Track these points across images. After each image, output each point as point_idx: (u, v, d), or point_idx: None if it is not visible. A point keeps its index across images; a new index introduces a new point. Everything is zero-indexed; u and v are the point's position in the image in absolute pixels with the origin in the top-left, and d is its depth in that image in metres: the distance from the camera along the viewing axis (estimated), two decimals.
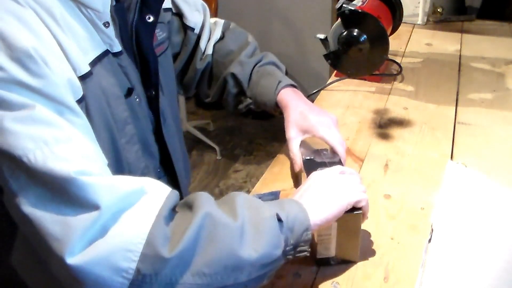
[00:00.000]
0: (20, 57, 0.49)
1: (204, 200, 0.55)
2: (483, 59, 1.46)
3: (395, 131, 1.08)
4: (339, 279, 0.69)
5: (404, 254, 0.74)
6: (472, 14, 1.89)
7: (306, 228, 0.58)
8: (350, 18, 1.02)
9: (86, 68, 0.59)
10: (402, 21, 1.30)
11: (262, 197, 0.65)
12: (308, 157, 0.81)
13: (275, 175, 0.92)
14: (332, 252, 0.70)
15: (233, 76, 0.95)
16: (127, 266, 0.48)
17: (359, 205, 0.65)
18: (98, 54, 0.62)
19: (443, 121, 1.11)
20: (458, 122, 1.11)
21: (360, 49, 1.03)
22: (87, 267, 0.46)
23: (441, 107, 1.18)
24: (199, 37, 0.96)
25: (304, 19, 2.59)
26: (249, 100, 0.95)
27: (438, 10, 1.81)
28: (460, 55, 1.49)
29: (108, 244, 0.47)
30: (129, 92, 0.67)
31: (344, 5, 1.04)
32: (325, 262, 0.71)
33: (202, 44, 0.97)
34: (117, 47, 0.65)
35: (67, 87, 0.54)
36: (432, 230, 0.76)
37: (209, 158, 2.69)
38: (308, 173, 0.73)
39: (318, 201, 0.63)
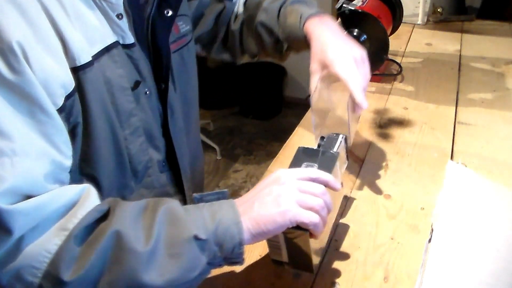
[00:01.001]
0: (3, 48, 0.50)
1: (118, 215, 0.53)
2: (483, 59, 1.46)
3: (395, 131, 1.08)
4: (339, 279, 0.69)
5: (404, 254, 0.74)
6: (472, 14, 1.89)
7: (237, 244, 0.54)
8: (350, 18, 1.02)
9: (87, 58, 0.59)
10: (402, 21, 1.30)
11: (204, 197, 0.60)
12: (307, 146, 0.70)
13: None
14: (284, 258, 0.63)
15: (262, 24, 0.89)
16: (32, 280, 0.50)
17: (304, 226, 0.56)
18: (106, 45, 0.62)
19: (443, 121, 1.11)
20: (458, 122, 1.11)
21: None
22: (1, 275, 0.50)
23: (441, 107, 1.18)
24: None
25: None
26: (286, 45, 0.89)
27: (438, 10, 1.81)
28: (460, 55, 1.49)
29: (19, 259, 0.50)
30: (136, 85, 0.67)
31: (344, 5, 1.04)
32: (279, 264, 0.65)
33: (236, 7, 0.95)
34: (130, 39, 0.65)
35: (49, 84, 0.54)
36: (432, 230, 0.76)
37: (209, 158, 2.69)
38: (290, 165, 0.66)
39: (260, 211, 0.55)
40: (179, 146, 0.80)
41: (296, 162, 0.66)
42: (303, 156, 0.68)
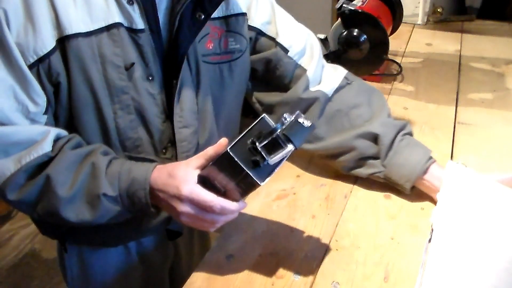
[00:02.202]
0: None
1: (56, 162, 0.68)
2: (483, 59, 1.46)
3: None
4: (339, 279, 0.69)
5: (404, 254, 0.74)
6: (472, 14, 1.89)
7: (144, 204, 0.67)
8: (350, 18, 1.02)
9: (79, 30, 0.67)
10: (402, 21, 1.30)
11: (137, 158, 0.76)
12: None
13: (275, 175, 0.92)
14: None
15: (375, 136, 0.85)
16: None
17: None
18: (107, 24, 0.68)
19: (443, 121, 1.11)
20: (458, 122, 1.11)
21: (360, 49, 1.03)
22: None
23: (441, 107, 1.18)
24: (293, 59, 0.88)
25: (304, 19, 2.58)
26: (381, 168, 0.86)
27: (438, 10, 1.82)
28: (460, 55, 1.50)
29: None
30: (131, 66, 0.72)
31: (344, 5, 1.04)
32: None
33: (308, 72, 0.88)
34: (138, 25, 0.70)
35: (22, 46, 0.66)
36: (432, 230, 0.76)
37: None
38: (242, 134, 0.62)
39: (162, 203, 0.67)
40: (182, 141, 0.79)
41: (247, 133, 0.62)
42: (258, 128, 0.62)
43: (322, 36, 1.10)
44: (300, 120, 0.60)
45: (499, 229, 0.76)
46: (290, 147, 0.59)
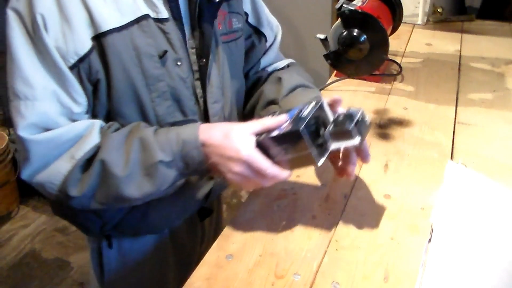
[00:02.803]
0: (31, 19, 0.68)
1: (105, 146, 0.71)
2: (483, 59, 1.46)
3: (395, 131, 1.08)
4: (339, 279, 0.69)
5: (404, 254, 0.74)
6: (472, 14, 1.89)
7: (198, 163, 0.71)
8: (350, 18, 1.02)
9: (113, 26, 0.70)
10: (402, 21, 1.30)
11: (178, 122, 0.79)
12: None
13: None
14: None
15: (279, 80, 0.93)
16: (50, 191, 0.73)
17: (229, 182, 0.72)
18: (136, 17, 0.72)
19: (443, 121, 1.11)
20: (458, 122, 1.11)
21: (360, 49, 1.03)
22: (33, 182, 0.73)
23: (441, 107, 1.18)
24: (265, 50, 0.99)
25: (304, 19, 2.59)
26: (278, 109, 0.90)
27: (438, 10, 1.82)
28: (460, 55, 1.50)
29: (42, 176, 0.72)
30: (164, 54, 0.76)
31: (344, 5, 1.04)
32: None
33: (264, 59, 1.00)
34: (163, 14, 0.74)
35: (61, 49, 0.68)
36: (432, 230, 0.76)
37: None
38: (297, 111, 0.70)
39: (213, 162, 0.71)
40: (214, 116, 0.86)
41: (313, 116, 0.68)
42: (318, 112, 0.70)
43: (322, 36, 1.10)
44: (366, 118, 0.69)
45: (499, 229, 0.76)
46: (357, 140, 0.67)
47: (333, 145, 0.68)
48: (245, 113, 1.00)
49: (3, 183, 2.12)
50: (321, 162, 0.68)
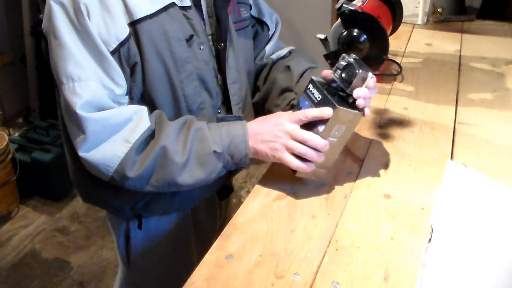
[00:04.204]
0: (75, 8, 0.74)
1: (164, 133, 0.78)
2: (483, 59, 1.46)
3: (395, 131, 1.08)
4: (339, 279, 0.69)
5: (404, 254, 0.74)
6: (472, 14, 1.89)
7: (244, 156, 0.81)
8: (350, 18, 1.02)
9: (145, 13, 0.78)
10: (402, 21, 1.30)
11: (226, 118, 0.87)
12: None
13: (275, 175, 0.92)
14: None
15: (288, 68, 1.01)
16: (106, 173, 0.79)
17: (284, 163, 0.81)
18: (164, 5, 0.80)
19: (443, 121, 1.11)
20: (458, 122, 1.11)
21: (360, 49, 1.03)
22: (90, 161, 0.78)
23: (441, 107, 1.18)
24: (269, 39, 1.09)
25: (304, 19, 2.59)
26: (294, 96, 0.98)
27: (438, 10, 1.82)
28: (460, 55, 1.50)
29: (97, 157, 0.77)
30: (190, 37, 0.84)
31: (344, 5, 1.04)
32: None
33: (268, 47, 1.08)
34: (186, 2, 0.83)
35: (103, 35, 0.75)
36: (432, 230, 0.76)
37: None
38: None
39: (260, 146, 0.81)
40: (233, 95, 0.95)
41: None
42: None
43: (322, 36, 1.10)
44: (352, 56, 0.83)
45: (499, 229, 0.76)
46: (370, 74, 0.81)
47: (358, 91, 0.79)
48: (254, 102, 1.08)
49: (3, 183, 2.12)
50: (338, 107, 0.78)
